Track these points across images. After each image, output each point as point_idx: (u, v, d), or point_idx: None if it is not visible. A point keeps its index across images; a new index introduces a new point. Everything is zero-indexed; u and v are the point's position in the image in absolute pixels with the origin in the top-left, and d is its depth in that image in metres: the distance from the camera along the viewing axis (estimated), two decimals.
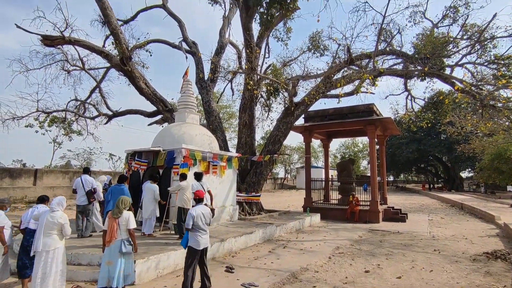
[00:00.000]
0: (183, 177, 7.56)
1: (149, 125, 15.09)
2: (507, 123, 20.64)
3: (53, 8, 10.22)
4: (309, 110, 14.35)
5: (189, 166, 8.33)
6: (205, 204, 6.71)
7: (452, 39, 11.36)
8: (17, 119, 12.09)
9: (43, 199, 5.17)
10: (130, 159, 9.13)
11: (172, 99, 15.27)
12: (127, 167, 9.25)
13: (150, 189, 7.56)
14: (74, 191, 7.38)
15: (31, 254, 4.42)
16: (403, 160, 41.31)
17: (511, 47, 12.50)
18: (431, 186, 48.14)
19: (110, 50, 12.24)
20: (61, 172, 19.56)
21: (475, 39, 10.85)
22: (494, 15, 10.23)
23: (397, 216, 13.43)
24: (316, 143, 44.52)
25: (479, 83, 10.98)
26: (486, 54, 11.67)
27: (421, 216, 15.18)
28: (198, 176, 7.53)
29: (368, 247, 8.23)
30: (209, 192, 7.60)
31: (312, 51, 14.50)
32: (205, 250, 4.88)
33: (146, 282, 5.24)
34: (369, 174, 16.08)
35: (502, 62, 11.20)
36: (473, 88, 10.73)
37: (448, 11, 11.94)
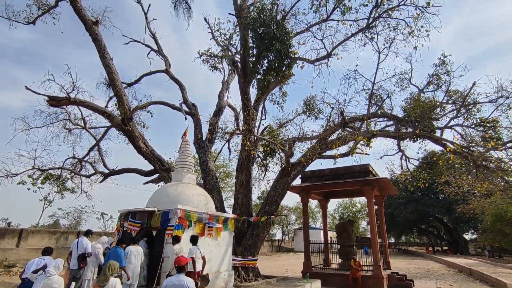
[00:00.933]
0: (176, 240, 7.24)
1: (145, 183, 14.91)
2: (502, 183, 20.79)
3: (63, 72, 10.90)
4: (305, 170, 14.42)
5: (184, 227, 8.01)
6: (193, 273, 6.27)
7: (438, 103, 12.04)
8: (11, 177, 11.94)
9: (48, 251, 5.74)
10: (123, 220, 8.79)
11: (170, 158, 15.40)
12: (119, 227, 8.87)
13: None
14: (70, 254, 7.02)
15: None
16: (403, 221, 40.31)
17: (494, 111, 13.31)
18: (435, 249, 46.15)
19: (113, 110, 12.73)
20: (48, 232, 18.56)
21: (460, 103, 11.51)
22: (473, 84, 11.06)
23: (402, 283, 12.59)
24: (313, 203, 43.77)
25: (470, 145, 11.31)
26: (472, 117, 12.27)
27: (428, 283, 14.24)
28: (194, 240, 7.20)
29: None
30: (203, 258, 7.18)
31: (307, 114, 15.19)
32: None
33: None
34: (369, 236, 15.48)
35: (488, 125, 11.73)
36: (464, 149, 11.02)
37: (431, 78, 12.89)
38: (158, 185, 13.91)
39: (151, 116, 13.44)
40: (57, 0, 11.86)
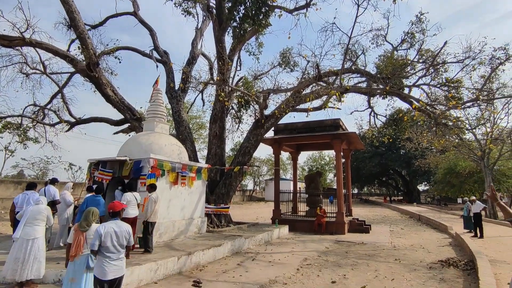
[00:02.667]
0: (153, 187, 7.33)
1: (115, 133, 14.48)
2: (457, 140, 22.61)
3: (13, 7, 9.66)
4: (278, 123, 14.66)
5: (157, 176, 8.10)
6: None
7: (409, 61, 12.30)
8: None
9: (32, 186, 6.50)
10: (93, 169, 8.68)
11: (141, 107, 14.88)
12: (89, 177, 8.78)
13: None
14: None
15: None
16: (367, 174, 43.29)
17: (459, 71, 13.90)
18: (392, 198, 50.66)
19: (76, 54, 11.73)
20: (12, 182, 18.00)
21: (429, 63, 11.84)
22: (445, 43, 11.31)
23: (361, 227, 13.93)
24: (284, 156, 45.31)
25: (433, 103, 11.92)
26: (439, 77, 12.79)
27: (383, 227, 15.89)
28: (152, 187, 7.28)
29: (335, 258, 8.43)
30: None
31: (283, 66, 14.98)
32: (117, 282, 3.73)
33: None
34: (335, 187, 16.60)
35: (452, 85, 12.33)
36: (428, 107, 11.62)
37: (406, 36, 12.96)
38: (129, 135, 13.58)
39: (120, 62, 12.59)
40: None
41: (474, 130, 21.53)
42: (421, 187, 51.34)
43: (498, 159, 22.74)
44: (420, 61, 12.81)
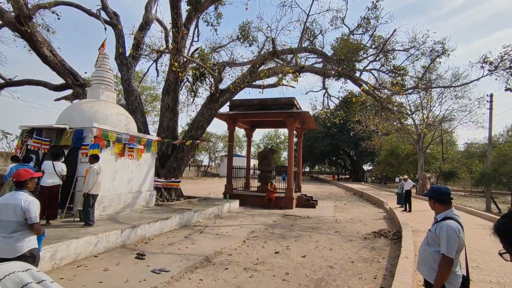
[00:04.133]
0: (95, 158, 6.89)
1: (56, 100, 13.10)
2: (398, 125, 24.60)
3: None
4: (234, 99, 14.51)
5: (100, 147, 7.60)
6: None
7: (363, 46, 12.79)
8: None
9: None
10: (26, 137, 7.87)
11: (85, 73, 13.53)
12: (20, 145, 7.95)
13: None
14: None
15: None
16: (318, 153, 45.42)
17: (405, 60, 15.05)
18: (340, 177, 54.15)
19: (2, 3, 10.14)
20: None
21: (380, 48, 12.44)
22: (394, 31, 11.94)
23: (308, 202, 14.74)
24: (241, 133, 45.43)
25: (380, 88, 12.65)
26: (387, 63, 13.55)
27: (329, 202, 17.00)
28: (95, 158, 6.88)
29: (280, 231, 8.86)
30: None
31: (241, 40, 14.62)
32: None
33: None
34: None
35: (399, 72, 13.17)
36: (375, 91, 12.32)
37: (362, 21, 13.38)
38: (72, 102, 12.44)
39: (58, 18, 11.17)
40: None
41: (413, 116, 23.58)
42: (366, 167, 55.52)
43: (430, 143, 25.37)
44: (373, 46, 13.39)
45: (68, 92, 12.22)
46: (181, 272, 5.10)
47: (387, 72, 13.04)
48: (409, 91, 12.44)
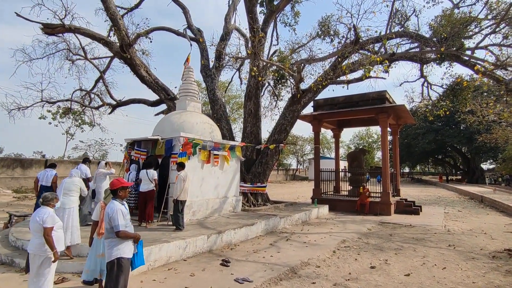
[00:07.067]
0: (181, 166, 7.27)
1: (156, 115, 14.92)
2: None
3: None
4: (318, 98, 13.77)
5: (188, 155, 8.02)
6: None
7: (473, 18, 10.45)
8: (22, 109, 12.12)
9: (53, 165, 7.56)
10: (129, 149, 8.91)
11: (175, 87, 14.97)
12: (127, 156, 9.05)
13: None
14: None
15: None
16: (419, 151, 39.93)
17: None
18: (449, 178, 46.48)
19: (115, 41, 11.98)
20: (71, 162, 19.81)
21: (501, 17, 9.89)
22: None
23: (410, 208, 12.80)
24: (329, 134, 43.61)
25: (504, 66, 10.06)
26: None
27: (436, 208, 14.46)
28: (181, 166, 7.21)
29: (377, 241, 7.75)
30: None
31: (322, 36, 13.81)
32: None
33: (135, 275, 4.98)
34: None
35: None
36: (495, 71, 9.86)
37: None
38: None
39: (151, 41, 12.61)
40: None
41: None
42: (485, 166, 46.25)
43: None
44: (489, 16, 10.81)
45: (165, 107, 13.65)
46: (265, 283, 4.77)
47: None
48: None
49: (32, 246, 3.51)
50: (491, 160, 42.98)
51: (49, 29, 10.49)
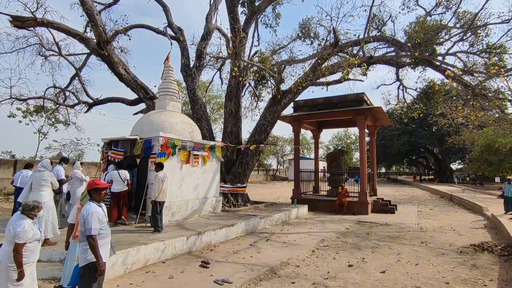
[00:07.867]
0: (160, 166, 7.14)
1: (134, 114, 14.52)
2: (497, 115, 20.59)
3: None
4: (298, 99, 13.94)
5: (167, 155, 7.88)
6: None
7: (443, 25, 10.98)
8: None
9: (29, 165, 7.71)
10: (106, 148, 8.64)
11: (155, 86, 14.67)
12: (103, 156, 8.77)
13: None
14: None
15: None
16: (395, 152, 41.40)
17: (504, 34, 11.99)
18: (422, 178, 48.48)
19: (91, 37, 11.57)
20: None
21: (467, 26, 10.48)
22: (487, 1, 9.89)
23: (386, 207, 13.24)
24: (309, 134, 44.26)
25: (470, 71, 10.64)
26: (478, 43, 11.35)
27: (410, 207, 15.05)
28: (159, 166, 7.13)
29: (354, 240, 7.96)
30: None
31: (302, 38, 14.02)
32: None
33: (111, 279, 4.84)
34: None
35: (494, 51, 10.91)
36: (463, 76, 10.41)
37: None
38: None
39: (129, 39, 12.29)
40: None
41: None
42: (454, 166, 48.58)
43: None
44: (457, 25, 11.40)
45: (144, 106, 13.33)
46: (244, 284, 4.78)
47: (478, 53, 10.92)
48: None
49: (1, 251, 3.15)
50: (460, 161, 45.24)
51: (19, 22, 9.97)
